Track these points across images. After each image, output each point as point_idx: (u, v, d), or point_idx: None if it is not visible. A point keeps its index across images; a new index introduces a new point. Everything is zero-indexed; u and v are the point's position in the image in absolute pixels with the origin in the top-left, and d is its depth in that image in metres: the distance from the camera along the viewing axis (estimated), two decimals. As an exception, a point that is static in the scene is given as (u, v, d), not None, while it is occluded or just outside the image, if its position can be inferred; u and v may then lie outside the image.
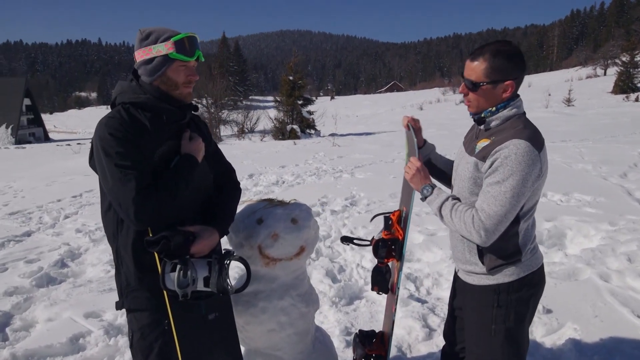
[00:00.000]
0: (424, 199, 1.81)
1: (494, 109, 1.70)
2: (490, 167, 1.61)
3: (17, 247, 5.50)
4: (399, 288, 2.06)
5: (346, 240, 2.13)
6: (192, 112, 1.81)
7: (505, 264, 1.72)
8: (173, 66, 1.65)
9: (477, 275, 1.80)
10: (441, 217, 1.74)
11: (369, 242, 2.08)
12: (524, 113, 1.73)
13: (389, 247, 2.01)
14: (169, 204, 1.57)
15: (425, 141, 2.10)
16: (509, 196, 1.56)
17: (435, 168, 2.07)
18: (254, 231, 2.03)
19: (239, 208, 2.08)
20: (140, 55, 1.66)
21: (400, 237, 1.99)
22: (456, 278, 2.01)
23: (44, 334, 3.23)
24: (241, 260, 1.75)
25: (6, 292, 3.98)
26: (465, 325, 1.93)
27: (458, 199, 1.76)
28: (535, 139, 1.60)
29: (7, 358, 2.88)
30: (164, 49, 1.62)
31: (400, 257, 2.00)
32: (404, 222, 2.02)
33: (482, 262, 1.75)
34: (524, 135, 1.59)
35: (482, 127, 1.76)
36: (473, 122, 1.83)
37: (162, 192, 1.55)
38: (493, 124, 1.71)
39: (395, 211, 2.08)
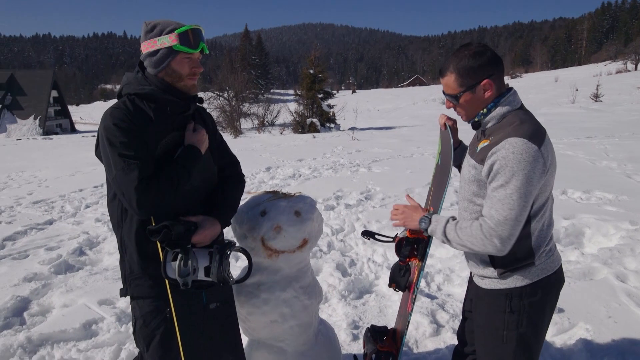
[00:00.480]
0: (426, 232, 1.76)
1: (485, 110, 1.65)
2: (490, 171, 1.56)
3: (39, 234, 5.68)
4: (417, 288, 1.99)
5: (368, 234, 2.06)
6: (197, 104, 1.83)
7: (517, 267, 1.64)
8: (177, 58, 1.67)
9: (489, 280, 1.73)
10: (449, 241, 1.65)
11: (391, 239, 2.02)
12: (521, 106, 1.66)
13: (413, 246, 1.95)
14: (171, 194, 1.59)
15: (460, 142, 2.05)
16: (516, 197, 1.48)
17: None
18: (257, 223, 2.05)
19: (244, 200, 2.10)
20: (145, 48, 1.68)
21: (425, 237, 1.92)
22: (471, 280, 1.95)
23: (59, 319, 3.34)
24: (242, 251, 1.76)
25: (25, 278, 4.12)
26: (475, 330, 1.87)
27: (454, 218, 1.72)
28: (533, 134, 1.53)
29: (23, 341, 2.99)
30: (168, 41, 1.64)
31: (423, 257, 1.94)
32: None
33: (494, 266, 1.68)
34: (520, 131, 1.53)
35: (480, 129, 1.71)
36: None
37: (164, 182, 1.58)
38: (489, 124, 1.66)
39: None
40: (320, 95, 25.83)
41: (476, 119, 1.69)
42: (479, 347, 1.85)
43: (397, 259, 2.03)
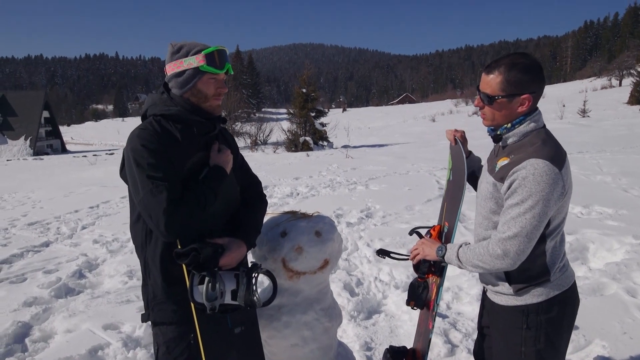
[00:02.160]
0: (442, 260, 1.77)
1: (509, 125, 1.64)
2: (509, 189, 1.56)
3: (36, 257, 5.56)
4: (437, 305, 1.97)
5: (383, 253, 2.03)
6: (221, 124, 1.82)
7: (533, 284, 1.64)
8: (203, 79, 1.66)
9: (505, 296, 1.72)
10: (463, 264, 1.67)
11: (407, 257, 2.01)
12: (544, 126, 1.65)
13: (430, 262, 1.93)
14: (199, 215, 1.57)
15: (470, 152, 2.04)
16: (529, 217, 1.49)
17: (477, 182, 1.99)
18: (278, 244, 2.02)
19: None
20: (171, 68, 1.68)
21: None
22: (484, 296, 1.94)
23: (63, 346, 3.24)
24: (268, 274, 1.73)
25: (25, 303, 4.02)
26: (494, 347, 1.85)
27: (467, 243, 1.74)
28: (555, 156, 1.53)
29: (28, 369, 2.89)
30: (195, 61, 1.64)
31: (441, 274, 1.93)
32: (445, 238, 1.95)
33: (509, 283, 1.68)
34: (543, 153, 1.52)
35: (500, 144, 1.70)
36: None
37: (191, 204, 1.55)
38: (510, 140, 1.65)
39: (435, 225, 2.02)
40: (312, 114, 25.98)
41: (498, 132, 1.67)
42: None
43: (406, 276, 2.02)
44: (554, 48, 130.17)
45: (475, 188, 1.96)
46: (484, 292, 1.94)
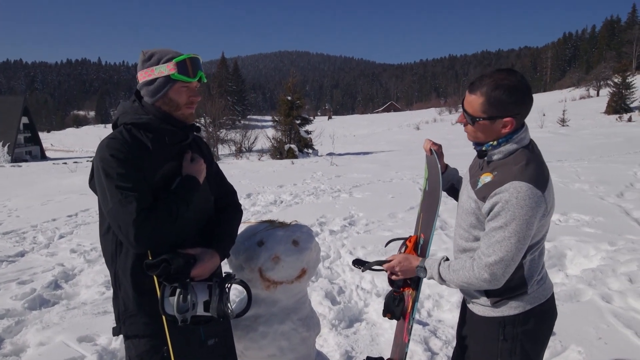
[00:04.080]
0: (424, 277, 1.77)
1: (495, 143, 1.61)
2: (491, 210, 1.55)
3: (10, 267, 5.40)
4: (413, 318, 1.94)
5: (359, 264, 1.97)
6: (194, 133, 1.80)
7: (510, 297, 1.65)
8: (175, 87, 1.64)
9: (483, 307, 1.73)
10: (444, 281, 1.68)
11: (384, 269, 1.95)
12: (529, 144, 1.62)
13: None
14: (170, 226, 1.54)
15: (447, 166, 2.03)
16: (514, 241, 1.50)
17: (457, 194, 1.98)
18: (255, 253, 2.00)
19: (239, 230, 2.05)
20: (142, 77, 1.66)
21: None
22: (464, 305, 1.94)
23: (35, 359, 3.14)
24: (242, 283, 1.71)
25: (-2, 315, 3.89)
26: (471, 357, 1.85)
27: (447, 258, 1.74)
28: (538, 178, 1.52)
29: (-3, 384, 2.80)
30: (165, 69, 1.62)
31: (417, 287, 1.91)
32: (421, 249, 1.94)
33: (487, 296, 1.69)
34: (526, 175, 1.51)
35: (485, 158, 1.68)
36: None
37: (162, 214, 1.53)
38: (495, 157, 1.63)
39: (411, 236, 2.00)
40: (297, 121, 26.00)
41: (484, 149, 1.66)
42: None
43: (388, 284, 1.99)
44: (534, 58, 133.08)
45: (456, 198, 1.96)
46: (464, 302, 1.94)
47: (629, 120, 30.52)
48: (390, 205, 7.86)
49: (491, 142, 1.63)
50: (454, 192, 2.01)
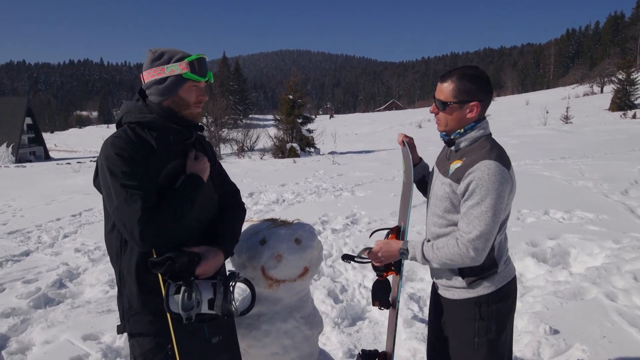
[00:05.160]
0: (406, 259, 1.85)
1: (462, 130, 1.79)
2: (466, 190, 1.69)
3: (15, 267, 5.44)
4: (398, 302, 2.04)
5: (347, 258, 2.12)
6: (198, 132, 1.81)
7: (484, 276, 1.78)
8: (186, 86, 1.66)
9: (458, 290, 1.84)
10: (429, 261, 1.76)
11: (368, 260, 2.05)
12: (490, 134, 1.82)
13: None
14: (174, 224, 1.55)
15: (420, 159, 2.16)
16: (491, 214, 1.64)
17: (426, 188, 2.10)
18: (257, 252, 2.01)
19: (242, 228, 2.05)
20: (151, 75, 1.66)
21: None
22: (434, 294, 2.01)
23: (41, 357, 3.17)
24: (246, 282, 1.72)
25: (3, 314, 3.92)
26: (449, 342, 1.93)
27: (428, 240, 1.85)
28: (503, 158, 1.70)
29: (3, 383, 2.82)
30: (178, 68, 1.63)
31: (399, 271, 2.00)
32: (402, 236, 2.04)
33: (462, 277, 1.80)
34: (493, 155, 1.69)
35: (452, 148, 1.84)
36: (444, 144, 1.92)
37: (167, 213, 1.53)
38: (462, 145, 1.80)
39: (394, 227, 2.07)
40: (299, 120, 26.02)
41: (452, 137, 1.82)
42: (452, 357, 1.91)
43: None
44: (537, 55, 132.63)
45: (424, 193, 2.10)
46: (434, 291, 2.01)
47: (633, 117, 30.36)
48: (392, 203, 7.85)
49: (458, 130, 1.80)
50: (424, 186, 2.13)
